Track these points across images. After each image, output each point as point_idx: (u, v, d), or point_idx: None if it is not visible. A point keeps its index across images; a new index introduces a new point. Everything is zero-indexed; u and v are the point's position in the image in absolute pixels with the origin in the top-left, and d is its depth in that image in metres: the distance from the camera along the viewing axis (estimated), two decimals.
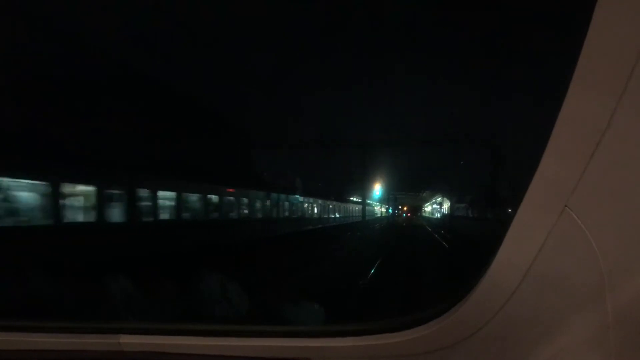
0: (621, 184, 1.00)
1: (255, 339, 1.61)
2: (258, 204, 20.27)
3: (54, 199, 10.54)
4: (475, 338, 1.31)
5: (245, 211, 18.94)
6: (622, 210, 1.01)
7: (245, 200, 19.00)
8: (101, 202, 12.01)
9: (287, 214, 22.97)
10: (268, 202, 21.01)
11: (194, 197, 16.34)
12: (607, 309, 1.02)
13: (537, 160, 1.10)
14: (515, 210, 1.17)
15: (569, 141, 1.03)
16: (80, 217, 11.76)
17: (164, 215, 14.72)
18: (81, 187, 11.76)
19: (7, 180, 9.47)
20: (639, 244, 0.98)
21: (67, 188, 11.14)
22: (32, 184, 10.13)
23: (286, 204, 22.73)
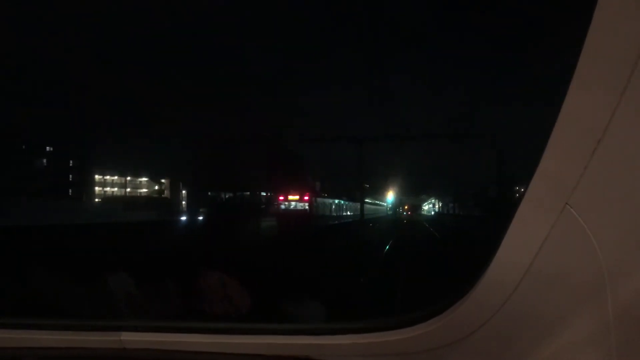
0: (622, 182, 0.99)
1: (256, 336, 1.61)
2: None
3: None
4: (476, 336, 1.31)
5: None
6: (623, 208, 1.00)
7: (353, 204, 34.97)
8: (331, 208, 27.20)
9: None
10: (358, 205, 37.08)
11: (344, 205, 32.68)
12: (607, 307, 1.02)
13: (538, 158, 1.10)
14: (514, 208, 1.17)
15: (570, 139, 1.03)
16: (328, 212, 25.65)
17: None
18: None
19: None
20: (639, 242, 0.98)
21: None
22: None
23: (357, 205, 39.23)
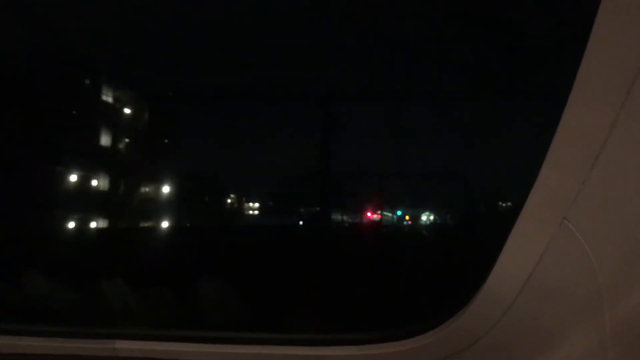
0: (620, 197, 0.99)
1: (253, 346, 1.60)
2: None
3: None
4: (473, 348, 1.30)
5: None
6: (621, 223, 1.00)
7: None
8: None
9: None
10: None
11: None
12: (605, 321, 1.02)
13: (536, 172, 1.10)
14: (512, 222, 1.17)
15: (568, 153, 1.03)
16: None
17: None
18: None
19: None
20: (636, 257, 0.98)
21: None
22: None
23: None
